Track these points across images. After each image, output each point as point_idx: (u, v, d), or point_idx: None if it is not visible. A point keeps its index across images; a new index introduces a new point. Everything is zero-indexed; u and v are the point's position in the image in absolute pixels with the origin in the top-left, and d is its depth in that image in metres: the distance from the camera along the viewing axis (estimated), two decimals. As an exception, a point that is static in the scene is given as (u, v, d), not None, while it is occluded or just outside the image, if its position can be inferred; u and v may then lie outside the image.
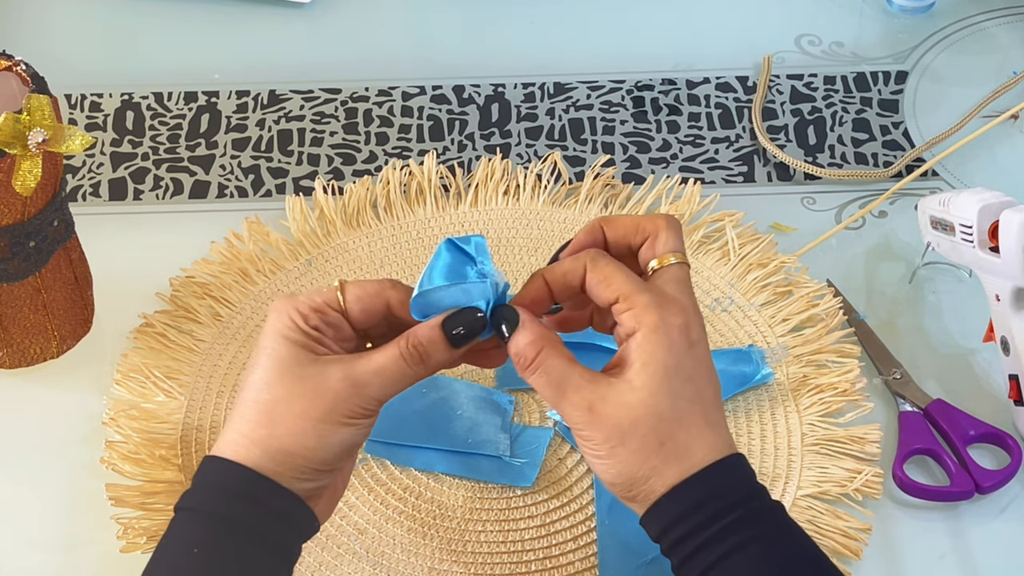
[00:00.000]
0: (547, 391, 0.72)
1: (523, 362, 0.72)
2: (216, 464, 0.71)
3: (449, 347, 0.72)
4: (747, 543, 0.69)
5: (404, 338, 0.72)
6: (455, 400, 0.92)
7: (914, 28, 1.22)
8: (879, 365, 0.96)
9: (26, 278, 0.90)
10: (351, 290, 0.73)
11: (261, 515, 0.70)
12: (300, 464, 0.70)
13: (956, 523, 0.88)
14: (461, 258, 0.73)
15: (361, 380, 0.71)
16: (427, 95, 1.16)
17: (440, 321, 0.72)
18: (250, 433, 0.70)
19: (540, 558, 0.86)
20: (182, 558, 0.69)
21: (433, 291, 0.72)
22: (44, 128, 0.83)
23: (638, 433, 0.70)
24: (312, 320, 0.72)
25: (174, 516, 0.71)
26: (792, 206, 1.07)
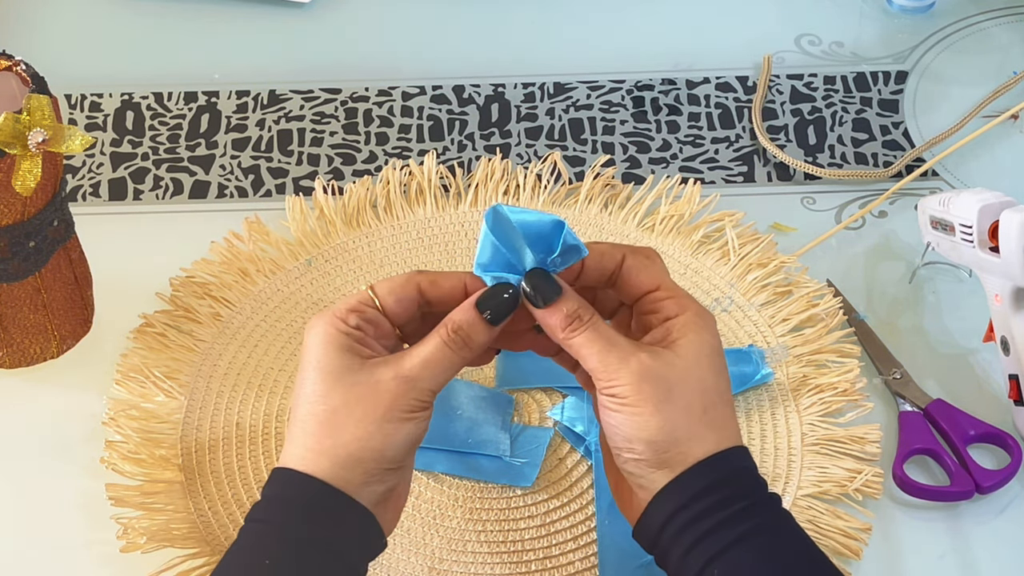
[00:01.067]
0: (595, 348, 0.73)
1: (574, 325, 0.73)
2: (285, 476, 0.71)
3: (487, 325, 0.74)
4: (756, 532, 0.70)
5: (444, 326, 0.73)
6: (455, 400, 0.92)
7: (914, 28, 1.22)
8: (879, 365, 0.96)
9: (26, 278, 0.90)
10: (381, 285, 0.75)
11: (331, 530, 0.70)
12: (369, 467, 0.71)
13: (956, 523, 0.88)
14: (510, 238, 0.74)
15: (411, 375, 0.72)
16: (427, 95, 1.16)
17: (474, 302, 0.74)
18: (315, 445, 0.71)
19: (540, 558, 0.86)
20: (252, 569, 0.70)
21: None
22: (44, 128, 0.83)
23: (686, 393, 0.72)
24: (352, 320, 0.73)
25: (244, 527, 0.72)
26: (792, 206, 1.07)
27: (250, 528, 0.72)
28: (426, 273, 0.75)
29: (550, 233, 0.74)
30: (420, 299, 0.75)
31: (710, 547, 0.70)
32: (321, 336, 0.72)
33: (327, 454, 0.71)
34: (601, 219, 1.04)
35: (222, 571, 0.71)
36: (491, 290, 0.74)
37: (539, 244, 0.74)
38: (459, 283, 0.75)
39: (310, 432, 0.71)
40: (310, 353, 0.73)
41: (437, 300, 0.75)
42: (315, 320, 0.73)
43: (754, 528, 0.70)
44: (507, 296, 0.74)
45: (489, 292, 0.74)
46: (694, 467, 0.71)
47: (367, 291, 0.74)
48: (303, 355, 0.73)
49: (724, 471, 0.71)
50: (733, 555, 0.70)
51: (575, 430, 0.91)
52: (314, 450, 0.71)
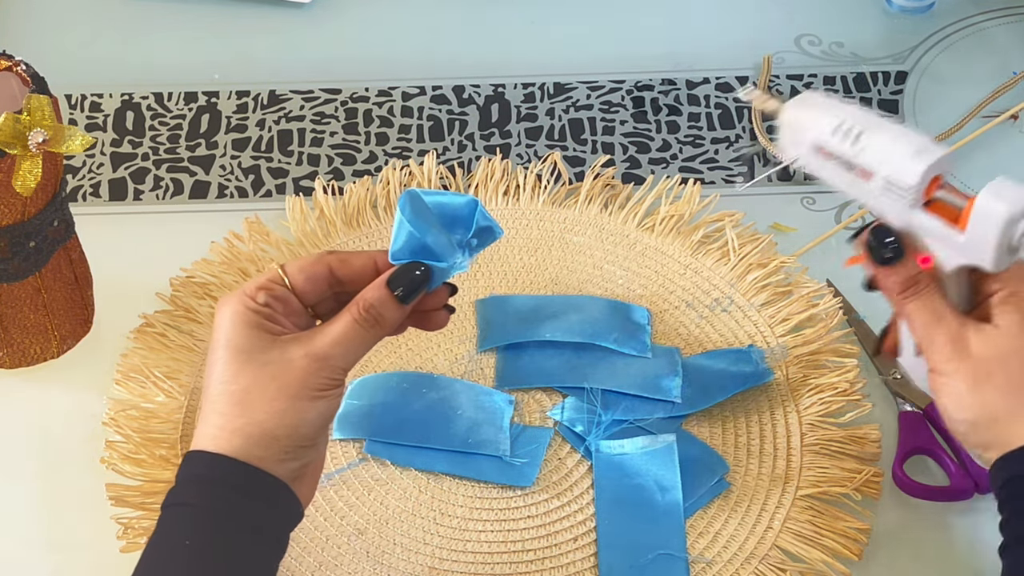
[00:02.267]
0: (922, 319, 0.74)
1: (912, 289, 0.74)
2: (199, 458, 0.71)
3: (398, 303, 0.73)
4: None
5: (355, 304, 0.73)
6: (455, 400, 0.92)
7: (914, 28, 1.22)
8: (879, 365, 0.96)
9: (26, 278, 0.90)
10: (291, 264, 0.75)
11: (250, 504, 0.70)
12: (284, 444, 0.71)
13: (956, 523, 0.88)
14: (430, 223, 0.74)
15: (323, 353, 0.72)
16: (427, 95, 1.16)
17: (385, 280, 0.73)
18: (228, 424, 0.71)
19: (540, 558, 0.86)
20: (174, 552, 0.69)
21: None
22: (44, 128, 0.83)
23: (1005, 370, 0.72)
24: (260, 298, 0.73)
25: (162, 514, 0.71)
26: (792, 206, 1.07)
27: (167, 513, 0.71)
28: (337, 253, 0.75)
29: (465, 215, 0.74)
30: (331, 278, 0.75)
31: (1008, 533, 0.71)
32: (229, 314, 0.72)
33: (239, 432, 0.70)
34: (601, 219, 1.04)
35: (145, 559, 0.70)
36: (402, 268, 0.74)
37: (455, 226, 0.74)
38: (369, 262, 0.75)
39: (221, 411, 0.71)
40: (219, 332, 0.72)
41: (348, 279, 0.75)
42: (224, 299, 0.73)
43: None
44: (418, 273, 0.73)
45: (400, 270, 0.73)
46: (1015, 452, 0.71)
47: (276, 269, 0.74)
48: (213, 334, 0.73)
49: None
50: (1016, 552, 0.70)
51: (575, 430, 0.91)
52: (226, 429, 0.71)
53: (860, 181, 0.77)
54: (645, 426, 0.91)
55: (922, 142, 0.76)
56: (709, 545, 0.86)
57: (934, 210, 0.75)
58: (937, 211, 0.75)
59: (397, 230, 0.73)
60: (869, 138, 0.76)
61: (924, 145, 0.75)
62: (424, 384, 0.93)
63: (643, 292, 0.99)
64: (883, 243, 0.75)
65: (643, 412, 0.92)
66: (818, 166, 0.78)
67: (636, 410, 0.92)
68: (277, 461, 0.71)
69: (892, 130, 0.77)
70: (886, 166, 0.75)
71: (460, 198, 0.74)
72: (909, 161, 0.74)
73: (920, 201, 0.75)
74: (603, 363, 0.94)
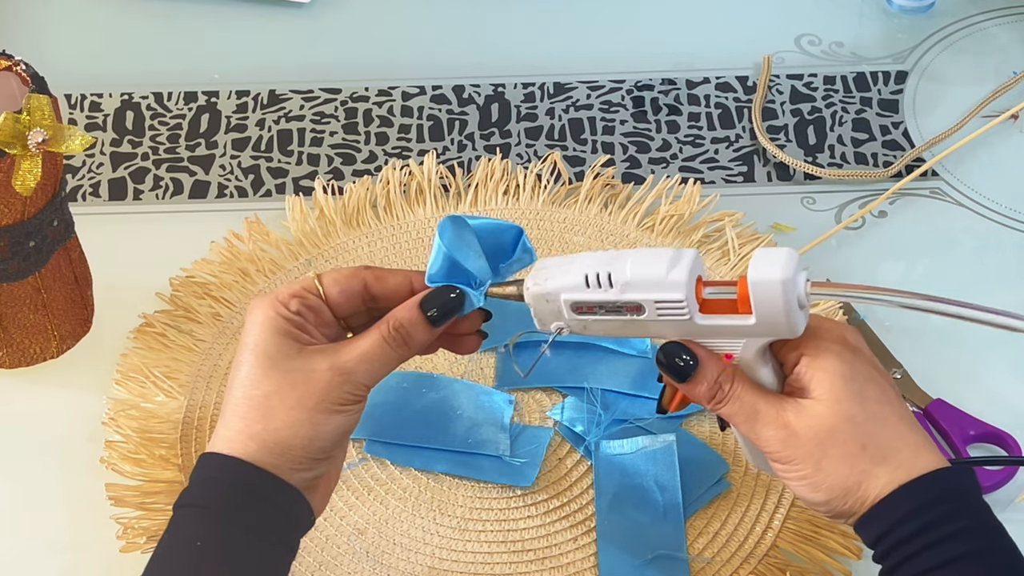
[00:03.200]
0: (740, 419, 0.73)
1: (717, 396, 0.73)
2: (214, 460, 0.71)
3: (429, 327, 0.73)
4: (966, 557, 0.68)
5: (385, 322, 0.73)
6: (455, 400, 0.92)
7: (914, 28, 1.22)
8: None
9: (26, 278, 0.90)
10: (327, 275, 0.74)
11: (262, 508, 0.70)
12: (298, 455, 0.71)
13: (956, 523, 0.87)
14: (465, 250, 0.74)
15: (347, 368, 0.72)
16: (427, 95, 1.16)
17: (418, 301, 0.73)
18: (246, 429, 0.71)
19: (540, 558, 0.86)
20: (185, 553, 0.69)
21: None
22: (44, 128, 0.83)
23: (838, 440, 0.70)
24: (293, 305, 0.72)
25: (173, 514, 0.71)
26: (792, 206, 1.07)
27: (180, 513, 0.71)
28: (373, 269, 0.75)
29: (509, 241, 0.74)
30: (365, 293, 0.74)
31: None
32: (260, 319, 0.72)
33: (256, 438, 0.70)
34: (601, 219, 1.04)
35: (156, 559, 0.70)
36: (436, 291, 0.74)
37: (497, 251, 0.74)
38: (405, 281, 0.75)
39: (241, 415, 0.71)
40: (248, 336, 0.72)
41: (382, 296, 0.75)
42: (256, 302, 0.73)
43: (956, 557, 0.67)
44: (452, 297, 0.73)
45: (434, 293, 0.73)
46: (875, 507, 0.69)
47: (313, 278, 0.74)
48: (242, 337, 0.72)
49: (906, 507, 0.69)
50: None
51: (575, 430, 0.91)
52: (244, 433, 0.70)
53: (634, 317, 0.73)
54: (645, 426, 0.91)
55: (667, 253, 0.72)
56: (709, 545, 0.86)
57: (712, 310, 0.72)
58: (715, 310, 0.72)
59: (435, 253, 0.73)
60: (620, 274, 0.72)
61: (671, 255, 0.72)
62: (424, 384, 0.93)
63: (643, 292, 0.99)
64: (675, 361, 0.73)
65: (643, 412, 0.92)
66: (584, 324, 0.75)
67: (636, 410, 0.92)
68: (290, 470, 0.71)
69: (634, 256, 0.73)
70: (651, 291, 0.72)
71: (506, 224, 0.74)
72: (667, 277, 0.71)
73: (696, 308, 0.72)
74: (603, 363, 0.94)
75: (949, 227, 1.04)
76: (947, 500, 0.69)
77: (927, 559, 0.68)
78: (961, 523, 0.68)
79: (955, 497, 0.69)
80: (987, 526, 0.69)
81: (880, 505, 0.69)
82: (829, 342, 0.72)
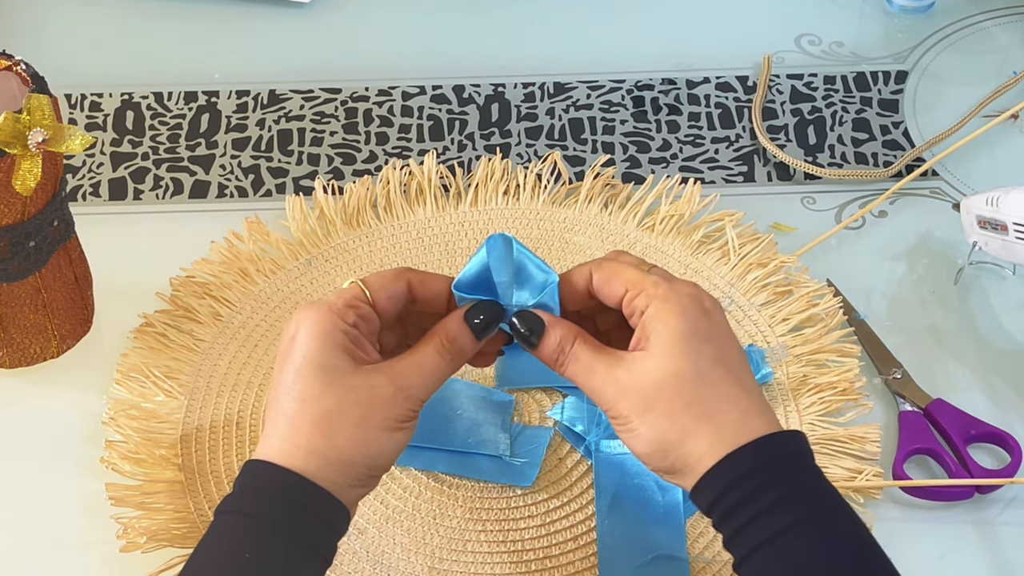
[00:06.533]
0: (580, 379, 0.73)
1: (559, 359, 0.74)
2: (269, 471, 0.70)
3: (474, 339, 0.74)
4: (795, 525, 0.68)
5: (436, 335, 0.73)
6: (455, 400, 0.92)
7: (914, 28, 1.22)
8: (879, 365, 0.96)
9: (26, 278, 0.90)
10: (373, 280, 0.74)
11: (313, 525, 0.70)
12: (360, 472, 0.71)
13: (956, 523, 0.88)
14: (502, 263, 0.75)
15: (407, 383, 0.72)
16: (427, 95, 1.16)
17: (463, 313, 0.74)
18: (307, 444, 0.70)
19: (540, 558, 0.86)
20: (231, 564, 0.68)
21: None
22: (44, 128, 0.83)
23: (662, 396, 0.70)
24: (350, 317, 0.72)
25: (217, 519, 0.70)
26: (792, 206, 1.07)
27: (226, 520, 0.70)
28: (415, 271, 0.75)
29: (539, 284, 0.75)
30: (408, 296, 0.74)
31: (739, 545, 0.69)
32: (316, 330, 0.71)
33: (318, 454, 0.70)
34: (601, 219, 1.04)
35: (198, 562, 0.69)
36: (480, 304, 0.74)
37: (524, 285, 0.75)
38: (447, 286, 0.75)
39: (300, 430, 0.70)
40: (304, 347, 0.71)
41: (423, 300, 0.75)
42: (309, 312, 0.72)
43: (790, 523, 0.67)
44: (496, 312, 0.74)
45: (478, 305, 0.74)
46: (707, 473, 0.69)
47: (358, 285, 0.73)
48: (292, 345, 0.71)
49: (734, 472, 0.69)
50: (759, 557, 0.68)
51: (575, 430, 0.91)
52: (304, 448, 0.70)
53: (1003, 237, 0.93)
54: (645, 426, 0.91)
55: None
56: (709, 545, 0.86)
57: None
58: None
59: (474, 262, 0.74)
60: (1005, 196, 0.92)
61: None
62: (424, 384, 0.93)
63: (643, 292, 0.99)
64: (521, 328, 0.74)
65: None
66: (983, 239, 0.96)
67: (636, 410, 0.92)
68: (348, 487, 0.71)
69: None
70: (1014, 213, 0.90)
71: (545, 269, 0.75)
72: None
73: None
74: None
75: (949, 227, 1.04)
76: (773, 465, 0.69)
77: (759, 530, 0.68)
78: (788, 487, 0.68)
79: (782, 462, 0.69)
80: (817, 490, 0.69)
81: (709, 473, 0.69)
82: (680, 296, 0.72)
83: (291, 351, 0.71)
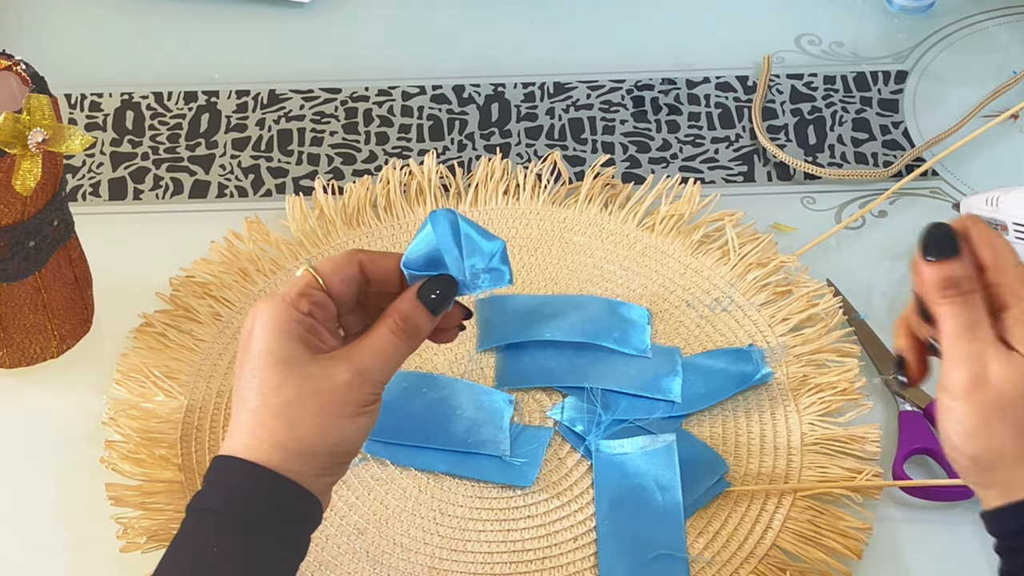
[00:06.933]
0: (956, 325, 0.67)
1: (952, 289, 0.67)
2: (235, 466, 0.70)
3: (430, 316, 0.73)
4: None
5: (390, 316, 0.73)
6: (455, 400, 0.92)
7: (914, 28, 1.22)
8: (879, 365, 0.96)
9: (26, 278, 0.90)
10: (324, 265, 0.73)
11: (282, 516, 0.70)
12: (323, 460, 0.71)
13: (956, 523, 0.87)
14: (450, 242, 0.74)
15: (365, 368, 0.71)
16: (427, 95, 1.16)
17: (416, 291, 0.73)
18: (269, 437, 0.70)
19: (540, 558, 0.86)
20: (200, 558, 0.68)
21: None
22: (44, 128, 0.83)
23: (1020, 408, 0.66)
24: (304, 306, 0.72)
25: (187, 517, 0.70)
26: (792, 206, 1.07)
27: (196, 517, 0.70)
28: (365, 252, 0.74)
29: (487, 251, 0.74)
30: (361, 278, 0.74)
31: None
32: (271, 323, 0.71)
33: (281, 446, 0.70)
34: (601, 219, 1.04)
35: (169, 561, 0.69)
36: (433, 280, 0.73)
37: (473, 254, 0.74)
38: (397, 264, 0.74)
39: (263, 424, 0.70)
40: (259, 340, 0.71)
41: (376, 279, 0.74)
42: (264, 305, 0.71)
43: None
44: (449, 287, 0.73)
45: (431, 281, 0.73)
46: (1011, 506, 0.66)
47: (310, 272, 0.73)
48: (250, 340, 0.71)
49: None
50: None
51: (575, 430, 0.91)
52: (268, 442, 0.70)
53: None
54: (645, 426, 0.91)
55: None
56: (709, 545, 0.86)
57: None
58: None
59: (421, 240, 0.73)
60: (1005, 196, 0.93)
61: None
62: (424, 384, 0.93)
63: (643, 292, 0.99)
64: (937, 238, 0.68)
65: (643, 412, 0.92)
66: None
67: (636, 410, 0.92)
68: (314, 476, 0.71)
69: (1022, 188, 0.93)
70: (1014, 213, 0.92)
71: (491, 238, 0.74)
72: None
73: None
74: (603, 363, 0.94)
75: (949, 227, 1.04)
76: None
77: None
78: None
79: None
80: None
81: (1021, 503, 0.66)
82: None
83: (248, 346, 0.71)
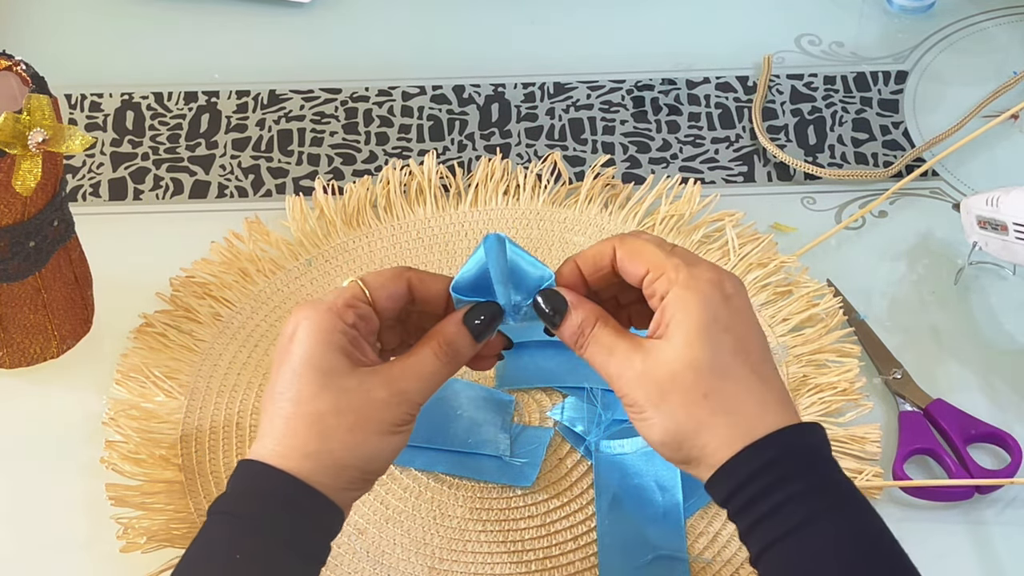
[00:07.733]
0: (597, 361, 0.72)
1: (579, 341, 0.73)
2: (263, 472, 0.70)
3: (473, 342, 0.73)
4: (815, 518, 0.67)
5: (434, 339, 0.73)
6: (455, 400, 0.92)
7: (914, 28, 1.22)
8: (879, 365, 0.96)
9: (26, 278, 0.90)
10: (372, 279, 0.73)
11: (307, 526, 0.69)
12: (353, 475, 0.70)
13: (956, 523, 0.88)
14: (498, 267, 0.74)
15: (403, 387, 0.71)
16: (427, 95, 1.16)
17: (461, 316, 0.73)
18: (300, 447, 0.69)
19: (540, 558, 0.86)
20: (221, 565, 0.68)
21: None
22: (44, 128, 0.83)
23: (679, 387, 0.69)
24: (349, 317, 0.71)
25: (209, 519, 0.70)
26: (792, 206, 1.07)
27: (217, 520, 0.70)
28: (415, 271, 0.74)
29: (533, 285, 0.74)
30: (408, 296, 0.74)
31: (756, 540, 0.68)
32: (315, 330, 0.70)
33: (312, 457, 0.69)
34: (601, 219, 1.04)
35: (190, 563, 0.69)
36: (479, 306, 0.74)
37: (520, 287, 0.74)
38: (446, 287, 0.74)
39: (295, 432, 0.70)
40: (302, 346, 0.70)
41: (423, 300, 0.74)
42: (308, 311, 0.71)
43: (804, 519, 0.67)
44: (495, 314, 0.74)
45: (477, 307, 0.73)
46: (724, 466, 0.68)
47: (357, 284, 0.73)
48: (291, 344, 0.71)
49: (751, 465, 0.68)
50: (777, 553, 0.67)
51: (575, 430, 0.91)
52: (299, 451, 0.69)
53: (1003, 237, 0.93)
54: (645, 426, 0.91)
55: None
56: (709, 545, 0.86)
57: None
58: None
59: (472, 264, 0.73)
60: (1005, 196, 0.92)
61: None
62: (424, 384, 0.93)
63: (643, 292, 0.99)
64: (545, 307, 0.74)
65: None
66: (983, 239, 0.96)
67: (636, 410, 0.92)
68: (342, 489, 0.70)
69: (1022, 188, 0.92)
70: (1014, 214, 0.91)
71: (539, 266, 0.74)
72: None
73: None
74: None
75: (949, 227, 1.04)
76: (790, 458, 0.68)
77: (777, 523, 0.67)
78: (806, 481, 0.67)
79: (799, 455, 0.68)
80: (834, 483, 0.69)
81: (725, 466, 0.68)
82: (701, 283, 0.71)
83: (289, 350, 0.71)
